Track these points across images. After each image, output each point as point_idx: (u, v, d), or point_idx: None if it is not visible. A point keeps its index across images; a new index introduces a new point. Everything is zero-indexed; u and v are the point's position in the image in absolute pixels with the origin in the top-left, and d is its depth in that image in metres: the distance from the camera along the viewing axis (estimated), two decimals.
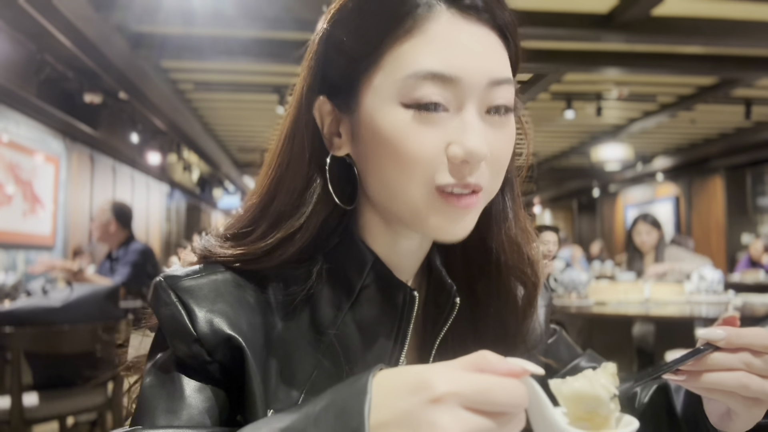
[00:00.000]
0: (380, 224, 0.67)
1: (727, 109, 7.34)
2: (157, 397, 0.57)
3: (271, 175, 0.66)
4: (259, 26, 4.51)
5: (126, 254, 3.84)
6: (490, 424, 0.40)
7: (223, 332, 0.58)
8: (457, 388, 0.39)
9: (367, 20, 0.60)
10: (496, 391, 0.40)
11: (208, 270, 0.63)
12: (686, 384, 0.60)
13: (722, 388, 0.58)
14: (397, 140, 0.58)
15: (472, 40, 0.59)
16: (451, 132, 0.58)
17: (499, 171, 0.62)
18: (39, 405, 2.54)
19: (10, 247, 5.92)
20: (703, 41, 4.96)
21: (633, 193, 12.95)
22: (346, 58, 0.61)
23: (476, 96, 0.58)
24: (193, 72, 6.19)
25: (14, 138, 5.95)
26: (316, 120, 0.65)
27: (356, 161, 0.64)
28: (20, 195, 6.10)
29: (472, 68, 0.58)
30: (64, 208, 7.05)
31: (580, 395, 0.48)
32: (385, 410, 0.41)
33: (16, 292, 4.17)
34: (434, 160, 0.58)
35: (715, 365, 0.58)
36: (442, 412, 0.39)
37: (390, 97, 0.58)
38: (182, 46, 5.06)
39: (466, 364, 0.42)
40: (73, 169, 7.29)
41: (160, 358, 0.61)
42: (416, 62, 0.57)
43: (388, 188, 0.61)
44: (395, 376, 0.43)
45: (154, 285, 0.62)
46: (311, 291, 0.64)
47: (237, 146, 10.37)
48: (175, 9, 4.23)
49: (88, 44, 4.50)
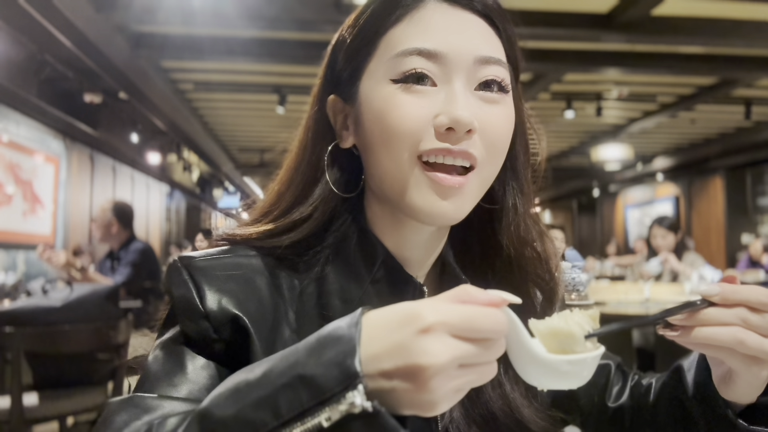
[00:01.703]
0: (386, 216, 0.68)
1: (727, 109, 7.34)
2: (160, 371, 0.58)
3: (289, 170, 0.70)
4: (259, 26, 4.52)
5: (127, 254, 3.84)
6: (476, 349, 0.43)
7: (231, 311, 0.59)
8: (445, 317, 0.43)
9: (367, 18, 0.65)
10: (480, 319, 0.43)
11: (222, 253, 0.65)
12: (680, 339, 0.59)
13: (717, 343, 0.56)
14: (383, 112, 0.60)
15: (457, 22, 0.62)
16: (438, 104, 0.60)
17: (494, 147, 0.62)
18: (39, 405, 2.54)
19: (10, 247, 5.92)
20: (703, 41, 4.97)
21: (633, 193, 12.94)
22: (348, 53, 0.66)
23: (463, 71, 0.61)
24: (193, 72, 6.19)
25: (14, 138, 5.95)
26: (330, 118, 0.68)
27: (360, 150, 0.67)
28: (20, 195, 6.10)
29: (457, 45, 0.61)
30: (64, 208, 7.05)
31: (555, 331, 0.50)
32: (377, 343, 0.43)
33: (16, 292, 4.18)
34: (419, 130, 0.59)
35: (708, 320, 0.56)
36: (433, 340, 0.42)
37: (381, 76, 0.62)
38: (182, 46, 5.06)
39: (450, 297, 0.45)
40: (73, 169, 7.29)
41: (168, 334, 0.61)
42: (405, 42, 0.61)
43: (379, 166, 0.63)
44: (383, 313, 0.45)
45: (168, 265, 0.64)
46: (321, 280, 0.65)
47: (237, 146, 10.37)
48: (175, 9, 4.23)
49: (89, 44, 4.50)
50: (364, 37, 0.65)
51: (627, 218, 12.89)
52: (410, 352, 0.42)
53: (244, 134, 9.31)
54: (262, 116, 7.82)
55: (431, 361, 0.41)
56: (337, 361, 0.43)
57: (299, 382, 0.43)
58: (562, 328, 0.50)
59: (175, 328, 0.61)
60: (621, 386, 0.82)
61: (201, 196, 13.68)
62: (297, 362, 0.45)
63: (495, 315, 0.44)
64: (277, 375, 0.45)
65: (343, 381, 0.42)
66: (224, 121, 8.42)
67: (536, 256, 0.71)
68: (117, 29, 4.70)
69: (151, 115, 6.97)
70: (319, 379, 0.43)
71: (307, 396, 0.43)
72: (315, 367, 0.44)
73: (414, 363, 0.41)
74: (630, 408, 0.80)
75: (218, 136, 9.45)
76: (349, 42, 0.66)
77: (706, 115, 7.78)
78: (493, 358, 0.45)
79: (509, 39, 0.66)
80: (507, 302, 0.47)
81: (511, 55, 0.66)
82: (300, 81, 6.22)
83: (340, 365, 0.43)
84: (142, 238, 4.16)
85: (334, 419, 0.42)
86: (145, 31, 4.98)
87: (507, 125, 0.64)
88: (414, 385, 0.42)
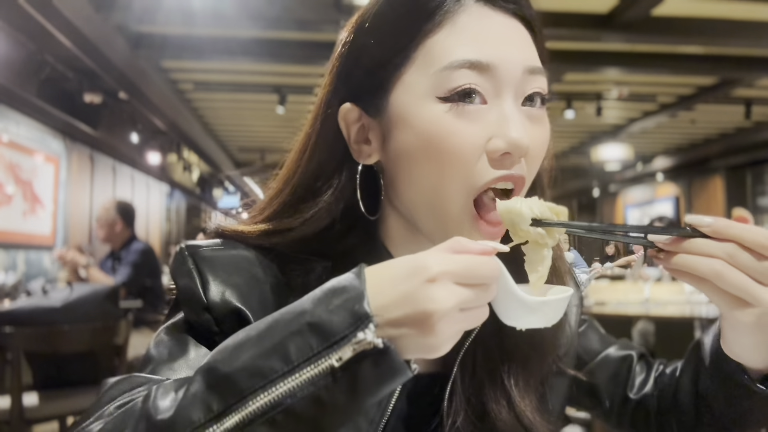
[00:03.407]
0: (405, 233, 0.66)
1: (727, 109, 7.33)
2: (162, 355, 0.58)
3: (291, 176, 0.66)
4: (259, 26, 4.51)
5: (128, 254, 3.85)
6: (474, 294, 0.46)
7: (233, 304, 0.59)
8: (448, 267, 0.45)
9: (396, 20, 0.60)
10: (479, 267, 0.47)
11: (229, 245, 0.64)
12: (662, 263, 0.56)
13: (695, 272, 0.53)
14: (434, 136, 0.57)
15: (503, 30, 0.59)
16: (491, 125, 0.57)
17: (534, 167, 0.61)
18: (39, 405, 2.54)
19: (10, 247, 5.92)
20: (703, 41, 4.97)
21: (633, 193, 12.93)
22: (375, 59, 0.61)
23: (513, 85, 0.58)
24: (193, 72, 6.18)
25: (14, 138, 5.94)
26: (342, 128, 0.64)
27: (386, 168, 0.64)
28: (20, 195, 6.10)
29: (507, 56, 0.57)
30: (64, 208, 7.05)
31: (508, 208, 0.56)
32: (384, 295, 0.45)
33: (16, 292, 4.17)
34: (474, 157, 0.57)
35: (692, 248, 0.53)
36: (439, 288, 0.44)
37: (425, 92, 0.57)
38: (182, 46, 5.06)
39: (446, 248, 0.48)
40: (73, 169, 7.28)
41: (173, 319, 0.61)
42: (451, 53, 0.57)
43: (423, 193, 0.60)
44: (385, 268, 0.47)
45: (175, 252, 0.64)
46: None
47: (237, 146, 10.37)
48: (175, 9, 4.23)
49: (89, 44, 4.50)
50: (395, 45, 0.59)
51: (627, 218, 12.88)
52: (418, 300, 0.44)
53: (244, 134, 9.31)
54: (262, 116, 7.81)
55: (438, 307, 0.44)
56: (346, 307, 0.44)
57: (308, 329, 0.44)
58: (515, 207, 0.55)
59: (180, 313, 0.61)
60: (644, 377, 0.81)
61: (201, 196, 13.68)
62: (304, 312, 0.46)
63: (491, 263, 0.48)
64: (284, 325, 0.46)
65: (353, 323, 0.43)
66: (224, 121, 8.42)
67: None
68: (117, 29, 4.70)
69: (151, 115, 6.96)
70: (328, 324, 0.44)
71: (317, 341, 0.44)
72: (324, 314, 0.45)
73: (423, 309, 0.43)
74: (654, 397, 0.79)
75: (218, 136, 9.44)
76: (377, 44, 0.60)
77: (706, 115, 7.77)
78: (486, 302, 0.48)
79: (542, 47, 0.64)
80: (497, 250, 0.50)
81: (543, 62, 0.63)
82: (300, 81, 6.22)
83: (350, 310, 0.44)
84: (142, 238, 4.16)
85: (345, 358, 0.43)
86: (145, 32, 4.97)
87: (547, 143, 0.63)
88: (421, 331, 0.44)
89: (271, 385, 0.43)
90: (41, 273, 6.27)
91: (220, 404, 0.43)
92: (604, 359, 0.82)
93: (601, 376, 0.82)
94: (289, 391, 0.43)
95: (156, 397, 0.46)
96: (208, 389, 0.44)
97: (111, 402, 0.49)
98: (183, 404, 0.44)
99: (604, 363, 0.82)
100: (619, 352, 0.84)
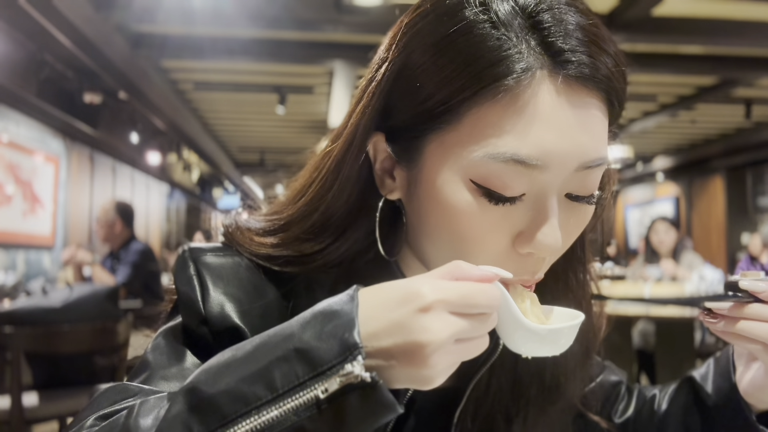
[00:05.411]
0: (420, 267, 0.63)
1: (727, 109, 7.34)
2: (157, 361, 0.57)
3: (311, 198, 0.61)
4: (259, 26, 4.51)
5: (127, 254, 3.86)
6: (471, 324, 0.44)
7: (231, 320, 0.57)
8: (443, 295, 0.43)
9: (452, 71, 0.50)
10: (476, 296, 0.44)
11: (234, 251, 0.62)
12: (718, 327, 0.60)
13: (755, 336, 0.58)
14: (456, 217, 0.52)
15: (570, 119, 0.50)
16: (524, 219, 0.52)
17: (559, 254, 0.57)
18: (39, 405, 2.54)
19: (10, 247, 5.92)
20: (703, 41, 4.96)
21: (633, 193, 12.94)
22: (417, 108, 0.53)
23: (560, 180, 0.52)
24: (193, 72, 6.18)
25: (14, 138, 5.94)
26: (369, 153, 0.58)
27: (407, 211, 0.59)
28: (20, 195, 6.10)
29: (563, 153, 0.50)
30: (64, 208, 7.05)
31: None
32: (375, 322, 0.43)
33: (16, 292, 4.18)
34: (498, 252, 0.53)
35: (753, 314, 0.58)
36: (432, 318, 0.42)
37: (460, 167, 0.51)
38: (182, 46, 5.05)
39: (443, 273, 0.45)
40: (73, 169, 7.28)
41: (171, 323, 0.60)
42: (499, 140, 0.49)
43: (443, 253, 0.56)
44: (378, 291, 0.45)
45: (178, 255, 0.62)
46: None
47: (237, 146, 10.37)
48: (175, 9, 4.23)
49: (88, 44, 4.49)
50: (446, 97, 0.50)
51: (627, 218, 12.88)
52: (411, 330, 0.42)
53: (244, 134, 9.30)
54: (262, 116, 7.81)
55: (432, 339, 0.41)
56: (335, 334, 0.42)
57: (295, 355, 0.42)
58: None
59: (179, 317, 0.60)
60: (626, 402, 0.83)
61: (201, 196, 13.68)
62: (292, 336, 0.44)
63: (490, 291, 0.45)
64: (270, 349, 0.44)
65: (341, 353, 0.42)
66: (224, 121, 8.42)
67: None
68: (116, 29, 4.70)
69: (151, 115, 6.96)
70: (316, 352, 0.42)
71: (303, 369, 0.42)
72: (311, 340, 0.43)
73: (415, 341, 0.41)
74: (634, 422, 0.80)
75: (218, 136, 9.44)
76: (423, 90, 0.52)
77: (706, 115, 7.77)
78: (485, 331, 0.46)
79: (620, 110, 0.56)
80: (499, 277, 0.47)
81: (615, 133, 0.58)
82: (300, 81, 6.22)
83: (339, 338, 0.42)
84: (141, 239, 4.17)
85: (331, 390, 0.41)
86: (145, 31, 4.97)
87: (583, 227, 0.57)
88: (412, 362, 0.42)
89: (255, 412, 0.42)
90: (41, 273, 6.27)
91: (201, 427, 0.42)
92: (600, 384, 0.82)
93: (594, 400, 0.81)
94: (273, 420, 0.42)
95: (138, 414, 0.45)
96: (189, 411, 0.43)
97: (97, 411, 0.49)
98: (163, 426, 0.43)
99: (600, 388, 0.82)
100: (610, 377, 0.84)
